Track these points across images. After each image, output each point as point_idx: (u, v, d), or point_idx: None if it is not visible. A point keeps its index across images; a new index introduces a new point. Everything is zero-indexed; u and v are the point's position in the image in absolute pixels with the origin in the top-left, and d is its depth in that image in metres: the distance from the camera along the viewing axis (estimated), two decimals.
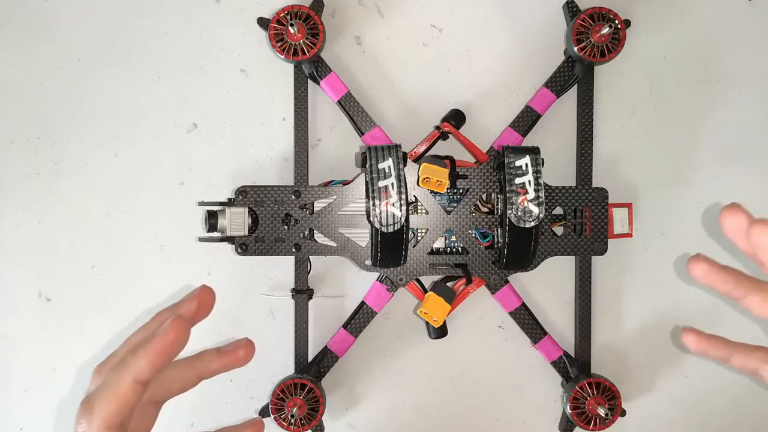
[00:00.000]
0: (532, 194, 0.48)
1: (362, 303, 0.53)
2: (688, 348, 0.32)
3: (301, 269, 0.53)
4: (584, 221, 0.52)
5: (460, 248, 0.53)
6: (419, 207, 0.52)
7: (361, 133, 0.52)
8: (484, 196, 0.52)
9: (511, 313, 0.54)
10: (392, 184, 0.48)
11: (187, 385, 0.32)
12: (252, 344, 0.32)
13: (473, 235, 0.52)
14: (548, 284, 0.56)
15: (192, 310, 0.30)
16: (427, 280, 0.53)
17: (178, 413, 0.55)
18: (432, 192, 0.52)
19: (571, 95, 0.55)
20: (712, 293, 0.57)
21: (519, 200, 0.48)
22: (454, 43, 0.56)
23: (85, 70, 0.55)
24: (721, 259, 0.31)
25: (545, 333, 0.54)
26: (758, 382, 0.33)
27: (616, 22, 0.51)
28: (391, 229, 0.48)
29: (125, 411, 0.28)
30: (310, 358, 0.54)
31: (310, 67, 0.52)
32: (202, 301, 0.31)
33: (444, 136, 0.53)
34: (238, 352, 0.32)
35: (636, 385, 0.56)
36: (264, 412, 0.52)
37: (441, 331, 0.52)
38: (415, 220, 0.52)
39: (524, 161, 0.48)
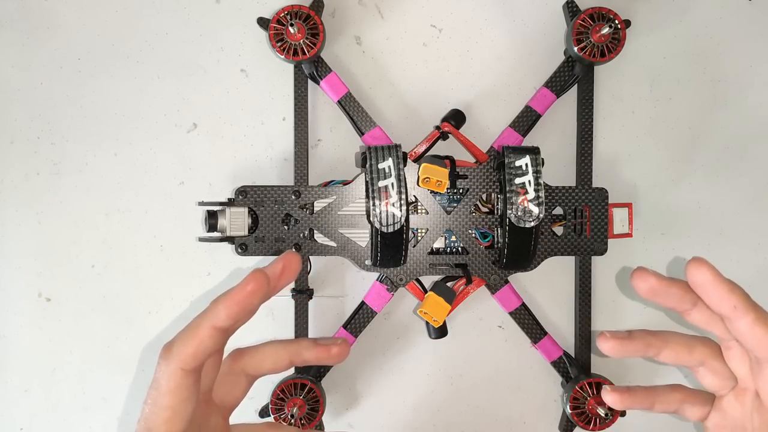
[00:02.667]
0: (532, 194, 0.48)
1: (362, 303, 0.53)
2: (611, 405, 0.34)
3: (301, 269, 0.53)
4: (584, 221, 0.52)
5: (460, 248, 0.53)
6: (419, 207, 0.52)
7: (361, 133, 0.52)
8: (484, 196, 0.52)
9: (511, 313, 0.54)
10: (392, 184, 0.48)
11: (278, 365, 0.32)
12: (347, 345, 0.32)
13: (473, 235, 0.52)
14: (548, 284, 0.56)
15: (276, 270, 0.31)
16: (427, 280, 0.53)
17: None
18: (432, 192, 0.52)
19: (571, 95, 0.55)
20: None
21: (519, 200, 0.48)
22: (454, 43, 0.56)
23: (85, 70, 0.55)
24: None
25: (545, 333, 0.54)
26: (682, 419, 0.34)
27: (616, 22, 0.51)
28: (391, 229, 0.48)
29: (201, 355, 0.29)
30: None
31: (310, 67, 0.52)
32: (288, 263, 0.31)
33: (444, 136, 0.53)
34: (332, 348, 0.32)
35: (636, 385, 0.56)
36: (264, 412, 0.52)
37: (441, 331, 0.52)
38: (415, 220, 0.52)
39: (524, 161, 0.48)
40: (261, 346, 0.32)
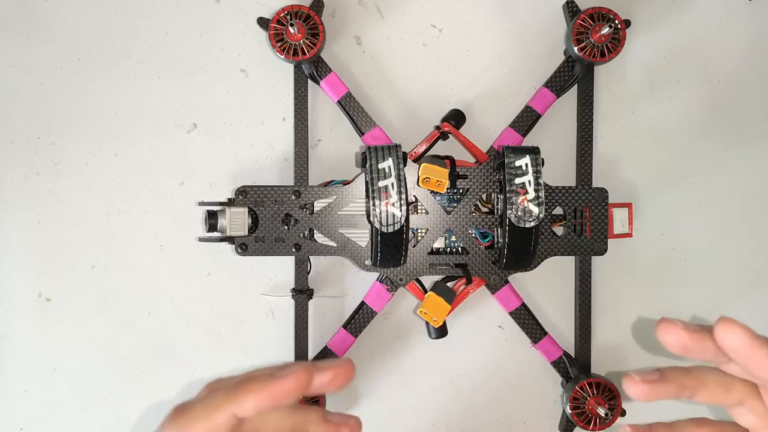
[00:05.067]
0: (532, 194, 0.48)
1: (362, 303, 0.53)
2: None
3: (301, 269, 0.53)
4: (584, 221, 0.52)
5: (460, 248, 0.53)
6: (419, 207, 0.52)
7: (361, 133, 0.52)
8: (484, 196, 0.52)
9: (511, 313, 0.54)
10: (392, 184, 0.48)
11: None
12: (359, 427, 0.30)
13: (473, 235, 0.52)
14: (548, 284, 0.56)
15: (325, 378, 0.28)
16: (427, 280, 0.53)
17: None
18: (432, 192, 0.52)
19: (571, 95, 0.55)
20: (712, 294, 0.57)
21: (519, 200, 0.48)
22: (454, 43, 0.56)
23: (85, 70, 0.55)
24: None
25: (545, 333, 0.54)
26: None
27: (616, 22, 0.51)
28: (391, 229, 0.48)
29: None
30: (310, 358, 0.53)
31: (310, 67, 0.52)
32: (338, 373, 0.28)
33: (444, 136, 0.53)
34: (342, 429, 0.29)
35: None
36: None
37: (441, 331, 0.52)
38: (415, 220, 0.52)
39: (524, 161, 0.48)
40: (266, 415, 0.29)
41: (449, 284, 0.52)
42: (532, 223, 0.48)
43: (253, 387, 0.27)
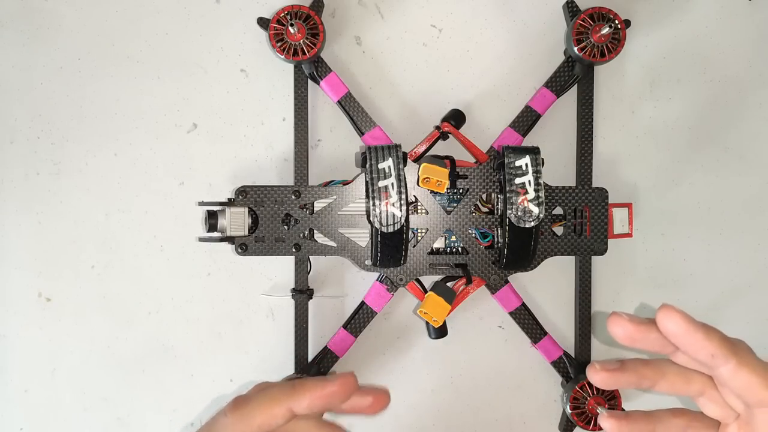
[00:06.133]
0: (532, 194, 0.48)
1: (362, 303, 0.53)
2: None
3: (301, 269, 0.53)
4: (584, 221, 0.52)
5: (460, 248, 0.53)
6: (419, 207, 0.52)
7: (361, 133, 0.52)
8: (484, 196, 0.52)
9: (511, 313, 0.54)
10: (392, 184, 0.48)
11: None
12: (386, 395, 0.33)
13: (473, 235, 0.52)
14: (548, 284, 0.56)
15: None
16: (427, 280, 0.53)
17: (177, 413, 0.55)
18: (432, 192, 0.52)
19: (571, 95, 0.55)
20: (712, 294, 0.57)
21: (519, 200, 0.48)
22: (454, 43, 0.56)
23: (85, 70, 0.55)
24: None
25: (545, 333, 0.54)
26: None
27: (616, 22, 0.51)
28: (391, 229, 0.48)
29: (266, 428, 0.29)
30: (310, 358, 0.54)
31: (310, 67, 0.52)
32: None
33: (444, 136, 0.53)
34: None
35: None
36: None
37: (441, 331, 0.52)
38: (415, 220, 0.52)
39: (524, 161, 0.48)
40: (299, 421, 0.32)
41: (449, 284, 0.52)
42: (532, 223, 0.48)
43: (309, 386, 0.30)
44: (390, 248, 0.49)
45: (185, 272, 0.55)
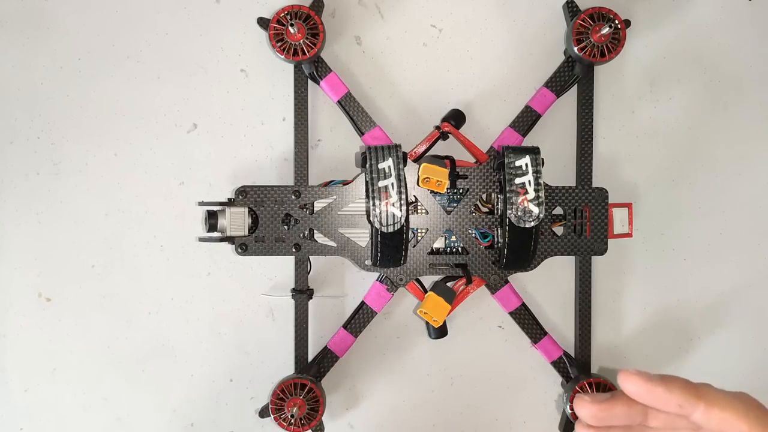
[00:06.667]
0: (532, 194, 0.48)
1: (362, 303, 0.53)
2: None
3: (301, 269, 0.53)
4: (584, 221, 0.52)
5: (460, 248, 0.53)
6: (419, 207, 0.52)
7: (361, 133, 0.52)
8: (484, 196, 0.52)
9: (511, 313, 0.54)
10: (392, 184, 0.48)
11: None
12: None
13: (473, 235, 0.52)
14: (548, 284, 0.56)
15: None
16: (427, 280, 0.53)
17: (177, 413, 0.55)
18: (432, 192, 0.52)
19: (571, 95, 0.55)
20: (712, 294, 0.57)
21: (519, 200, 0.48)
22: (454, 43, 0.56)
23: (85, 70, 0.55)
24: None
25: (545, 333, 0.54)
26: None
27: (616, 22, 0.51)
28: (391, 229, 0.48)
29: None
30: (310, 358, 0.54)
31: (310, 67, 0.52)
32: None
33: (444, 136, 0.53)
34: None
35: None
36: (264, 412, 0.52)
37: (441, 331, 0.52)
38: (415, 220, 0.52)
39: (524, 161, 0.48)
40: None
41: (449, 284, 0.52)
42: (532, 223, 0.48)
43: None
44: (390, 248, 0.49)
45: (185, 272, 0.55)
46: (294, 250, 0.51)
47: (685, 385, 0.28)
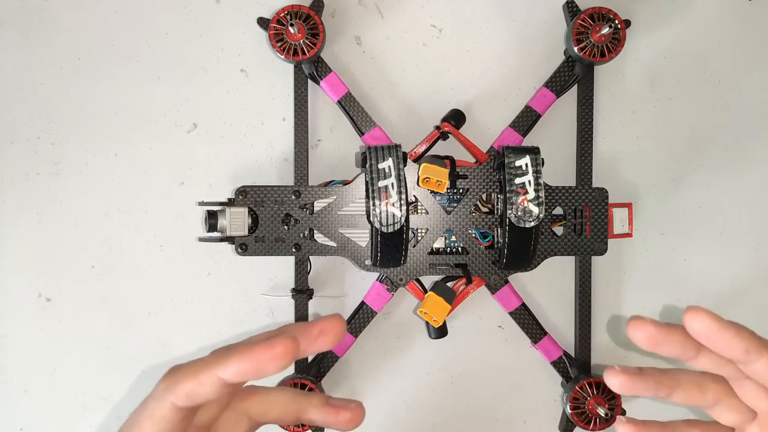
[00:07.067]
0: (532, 194, 0.48)
1: (362, 303, 0.53)
2: None
3: (301, 269, 0.53)
4: (584, 221, 0.52)
5: (460, 248, 0.53)
6: (419, 207, 0.52)
7: (361, 133, 0.52)
8: (484, 196, 0.52)
9: (511, 313, 0.54)
10: (392, 184, 0.48)
11: (284, 417, 0.30)
12: (361, 411, 0.29)
13: (473, 235, 0.52)
14: (548, 284, 0.56)
15: (312, 332, 0.27)
16: (427, 280, 0.53)
17: None
18: (432, 192, 0.52)
19: (571, 95, 0.55)
20: (712, 294, 0.57)
21: (519, 200, 0.48)
22: (454, 43, 0.56)
23: (85, 70, 0.55)
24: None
25: (545, 333, 0.54)
26: None
27: (616, 22, 0.51)
28: (391, 229, 0.48)
29: (197, 398, 0.27)
30: (310, 358, 0.54)
31: (310, 67, 0.52)
32: (327, 328, 0.27)
33: (444, 136, 0.53)
34: (342, 413, 0.29)
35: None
36: None
37: (441, 331, 0.52)
38: (415, 220, 0.52)
39: (524, 161, 0.48)
40: (271, 392, 0.30)
41: (449, 284, 0.52)
42: (532, 223, 0.48)
43: (237, 349, 0.26)
44: (390, 248, 0.49)
45: (185, 272, 0.55)
46: (294, 250, 0.51)
47: (753, 333, 0.27)
